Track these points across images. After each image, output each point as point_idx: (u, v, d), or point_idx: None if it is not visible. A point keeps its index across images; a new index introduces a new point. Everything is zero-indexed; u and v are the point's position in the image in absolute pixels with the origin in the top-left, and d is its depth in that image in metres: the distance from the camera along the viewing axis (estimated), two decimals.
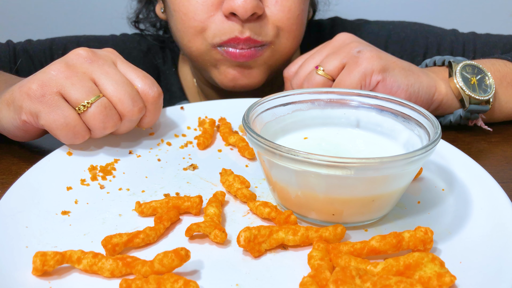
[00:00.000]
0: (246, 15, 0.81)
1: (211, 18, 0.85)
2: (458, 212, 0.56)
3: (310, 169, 0.48)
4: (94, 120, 0.62)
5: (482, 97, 0.78)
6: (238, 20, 0.83)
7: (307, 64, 0.80)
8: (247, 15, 0.81)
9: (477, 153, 0.75)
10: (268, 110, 0.60)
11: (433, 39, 1.06)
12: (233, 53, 0.86)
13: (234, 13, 0.82)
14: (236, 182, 0.59)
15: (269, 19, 0.85)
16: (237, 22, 0.83)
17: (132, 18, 1.14)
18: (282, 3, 0.85)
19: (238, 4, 0.80)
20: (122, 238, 0.49)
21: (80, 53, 0.64)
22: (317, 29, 1.13)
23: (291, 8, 0.86)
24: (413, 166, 0.50)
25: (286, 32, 0.88)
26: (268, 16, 0.85)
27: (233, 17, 0.83)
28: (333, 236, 0.50)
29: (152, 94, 0.66)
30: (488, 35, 1.05)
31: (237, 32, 0.83)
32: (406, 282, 0.42)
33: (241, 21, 0.83)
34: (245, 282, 0.46)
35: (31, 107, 0.61)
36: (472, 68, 0.80)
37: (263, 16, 0.84)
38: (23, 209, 0.55)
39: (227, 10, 0.82)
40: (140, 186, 0.61)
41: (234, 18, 0.83)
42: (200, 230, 0.50)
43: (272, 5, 0.85)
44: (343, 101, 0.63)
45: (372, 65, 0.73)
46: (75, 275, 0.47)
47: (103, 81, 0.63)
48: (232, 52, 0.86)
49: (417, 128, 0.57)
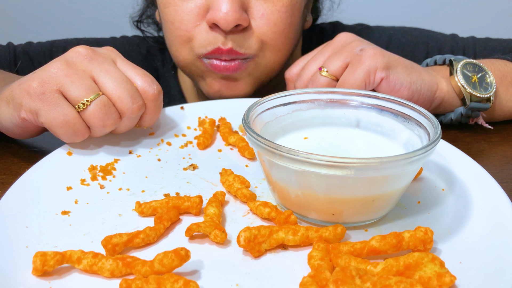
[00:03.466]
0: (228, 27, 0.80)
1: (196, 28, 0.84)
2: (458, 212, 0.56)
3: (310, 169, 0.48)
4: (93, 118, 0.62)
5: (483, 95, 0.78)
6: (222, 31, 0.82)
7: (310, 66, 0.80)
8: (229, 27, 0.80)
9: (477, 153, 0.75)
10: (268, 110, 0.60)
11: (434, 44, 1.07)
12: (217, 66, 0.85)
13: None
14: (236, 182, 0.59)
15: (254, 32, 0.84)
16: (220, 33, 0.82)
17: (135, 18, 1.14)
18: (268, 17, 0.83)
19: (220, 16, 0.79)
20: (122, 238, 0.49)
21: (80, 51, 0.64)
22: (319, 34, 1.13)
23: (276, 23, 0.84)
24: (413, 166, 0.50)
25: (270, 46, 0.86)
26: (253, 29, 0.84)
27: (217, 28, 0.82)
28: (333, 236, 0.50)
29: (151, 91, 0.66)
30: (488, 39, 1.06)
31: (220, 43, 0.83)
32: (406, 282, 0.42)
33: (224, 32, 0.82)
34: (245, 282, 0.46)
35: (31, 104, 0.61)
36: (473, 67, 0.80)
37: (248, 28, 0.83)
38: (23, 209, 0.55)
39: (210, 21, 0.81)
40: (140, 186, 0.61)
41: (218, 29, 0.82)
42: (200, 230, 0.50)
43: (258, 18, 0.83)
44: (343, 101, 0.63)
45: (376, 62, 0.73)
46: (75, 275, 0.47)
47: (103, 79, 0.63)
48: (216, 64, 0.85)
49: (417, 128, 0.57)
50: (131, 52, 1.11)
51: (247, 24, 0.83)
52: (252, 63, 0.87)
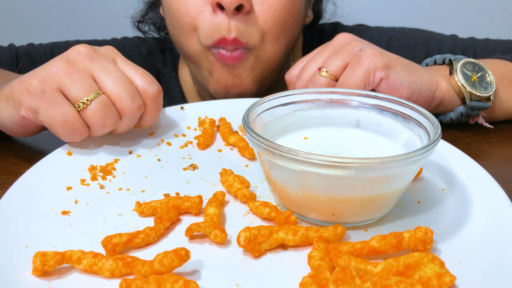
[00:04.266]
0: (232, 6, 0.81)
1: (201, 14, 0.85)
2: (458, 212, 0.56)
3: (310, 169, 0.48)
4: (93, 117, 0.62)
5: (482, 94, 0.78)
6: (225, 14, 0.83)
7: (309, 67, 0.80)
8: (232, 6, 0.81)
9: (477, 153, 0.75)
10: (268, 110, 0.60)
11: (433, 45, 1.07)
12: (223, 55, 0.87)
13: (221, 6, 0.82)
14: (236, 182, 0.59)
15: (256, 19, 0.86)
16: (223, 18, 0.84)
17: (136, 18, 1.14)
18: (268, 3, 0.86)
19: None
20: (122, 238, 0.49)
21: (81, 49, 0.64)
22: (319, 34, 1.14)
23: (277, 10, 0.86)
24: (413, 166, 0.50)
25: (269, 36, 0.88)
26: (255, 14, 0.86)
27: (220, 10, 0.83)
28: (333, 236, 0.50)
29: (151, 91, 0.66)
30: (487, 40, 1.06)
31: (224, 31, 0.84)
32: (406, 282, 0.42)
33: (227, 15, 0.83)
34: (245, 282, 0.46)
35: (31, 103, 0.61)
36: (473, 66, 0.80)
37: (249, 13, 0.85)
38: (23, 209, 0.55)
39: (213, 1, 0.82)
40: (140, 186, 0.61)
41: (221, 13, 0.84)
42: (200, 230, 0.50)
43: (259, 3, 0.85)
44: (343, 101, 0.63)
45: (375, 62, 0.73)
46: (75, 275, 0.47)
47: (103, 78, 0.63)
48: (222, 54, 0.87)
49: (417, 128, 0.57)
50: (132, 52, 1.11)
51: (250, 6, 0.84)
52: (252, 56, 0.89)
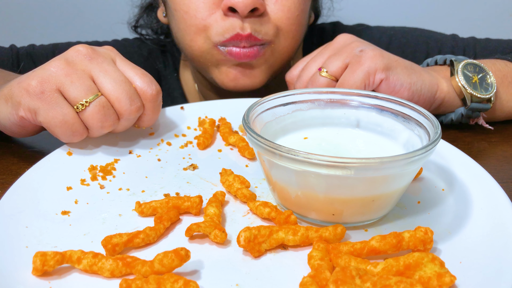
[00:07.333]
0: (246, 10, 0.81)
1: (212, 16, 0.85)
2: (458, 212, 0.56)
3: (310, 169, 0.48)
4: (92, 119, 0.62)
5: (483, 95, 0.78)
6: (238, 16, 0.83)
7: (309, 67, 0.80)
8: (246, 10, 0.81)
9: (477, 153, 0.75)
10: (268, 110, 0.60)
11: (434, 45, 1.07)
12: (237, 53, 0.85)
13: (233, 9, 0.82)
14: (236, 182, 0.59)
15: (270, 18, 0.86)
16: (237, 19, 0.83)
17: (132, 23, 1.14)
18: (282, 3, 0.85)
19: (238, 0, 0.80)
20: (122, 238, 0.49)
21: (80, 50, 0.64)
22: (319, 34, 1.13)
23: (291, 8, 0.86)
24: (413, 166, 0.50)
25: (285, 32, 0.88)
26: (269, 15, 0.85)
27: (232, 14, 0.83)
28: (333, 236, 0.50)
29: (150, 92, 0.66)
30: (488, 39, 1.06)
31: (238, 28, 0.83)
32: (406, 282, 0.42)
33: (241, 17, 0.83)
34: (245, 282, 0.46)
35: (30, 103, 0.61)
36: (474, 67, 0.80)
37: (264, 14, 0.85)
38: (23, 209, 0.55)
39: (225, 5, 0.82)
40: (140, 186, 0.61)
41: (233, 15, 0.83)
42: (200, 230, 0.50)
43: (272, 3, 0.85)
44: (343, 101, 0.63)
45: (375, 63, 0.73)
46: (75, 275, 0.47)
47: (102, 79, 0.63)
48: (235, 52, 0.85)
49: (417, 128, 0.57)
50: (133, 54, 1.11)
51: (264, 9, 0.84)
52: (268, 50, 0.88)
